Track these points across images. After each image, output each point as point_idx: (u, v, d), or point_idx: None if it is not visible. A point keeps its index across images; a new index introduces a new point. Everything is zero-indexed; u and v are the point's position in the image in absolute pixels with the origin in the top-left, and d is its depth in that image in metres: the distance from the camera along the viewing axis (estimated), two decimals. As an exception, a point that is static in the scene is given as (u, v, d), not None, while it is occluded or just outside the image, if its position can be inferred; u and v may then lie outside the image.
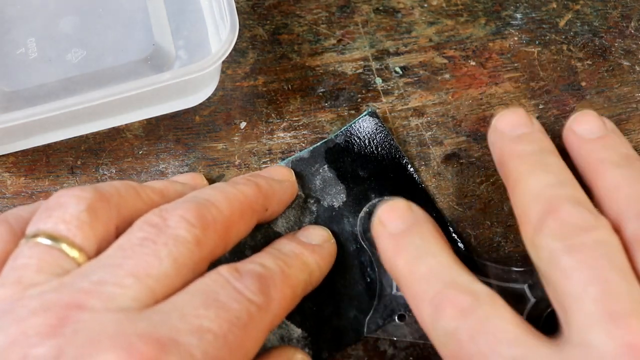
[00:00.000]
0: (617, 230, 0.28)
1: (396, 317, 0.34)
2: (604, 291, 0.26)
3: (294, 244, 0.32)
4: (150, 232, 0.28)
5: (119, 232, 0.30)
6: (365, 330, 0.34)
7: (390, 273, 0.31)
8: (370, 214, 0.34)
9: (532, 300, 0.32)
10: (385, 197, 0.36)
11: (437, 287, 0.29)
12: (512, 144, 0.32)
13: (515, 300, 0.30)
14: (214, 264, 0.33)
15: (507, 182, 0.31)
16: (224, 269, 0.28)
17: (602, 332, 0.26)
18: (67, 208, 0.28)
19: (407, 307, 0.33)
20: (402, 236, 0.31)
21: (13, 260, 0.28)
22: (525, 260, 0.31)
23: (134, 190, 0.31)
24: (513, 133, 0.32)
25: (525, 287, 0.33)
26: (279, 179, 0.35)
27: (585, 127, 0.32)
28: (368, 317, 0.34)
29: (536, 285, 0.32)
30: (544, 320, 0.32)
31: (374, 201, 0.36)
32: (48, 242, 0.28)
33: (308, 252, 0.32)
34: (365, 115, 0.37)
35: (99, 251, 0.28)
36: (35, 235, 0.28)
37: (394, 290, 0.34)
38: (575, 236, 0.28)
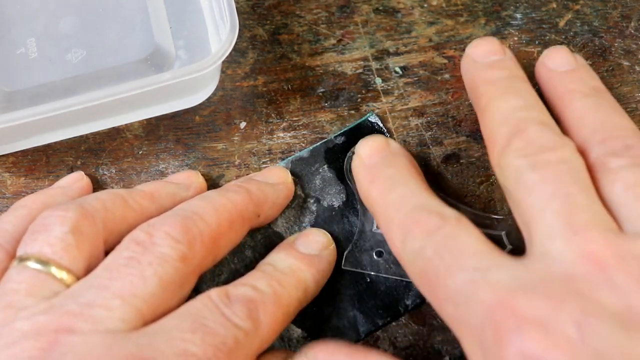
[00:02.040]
0: (581, 155, 0.29)
1: (374, 253, 0.34)
2: (565, 204, 0.27)
3: (290, 259, 0.32)
4: (136, 250, 0.29)
5: (107, 246, 0.30)
6: (342, 263, 0.34)
7: (365, 202, 0.32)
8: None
9: (509, 247, 0.33)
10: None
11: (406, 209, 0.29)
12: (483, 70, 0.32)
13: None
14: (214, 267, 0.33)
15: (477, 107, 0.32)
16: (214, 293, 0.29)
17: (563, 243, 0.26)
18: (51, 230, 0.29)
19: (385, 244, 0.34)
20: (377, 167, 0.32)
21: (3, 285, 0.28)
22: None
23: (121, 200, 0.31)
24: (485, 60, 0.33)
25: (503, 234, 0.33)
26: (273, 181, 0.34)
27: (557, 61, 0.33)
28: (347, 251, 0.34)
29: (513, 232, 0.32)
30: None
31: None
32: (36, 266, 0.28)
33: (305, 267, 0.32)
34: (366, 119, 0.37)
35: (88, 268, 0.29)
36: (23, 259, 0.29)
37: (374, 228, 0.34)
38: (540, 154, 0.28)
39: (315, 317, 0.34)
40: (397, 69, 0.39)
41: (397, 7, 0.40)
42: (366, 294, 0.34)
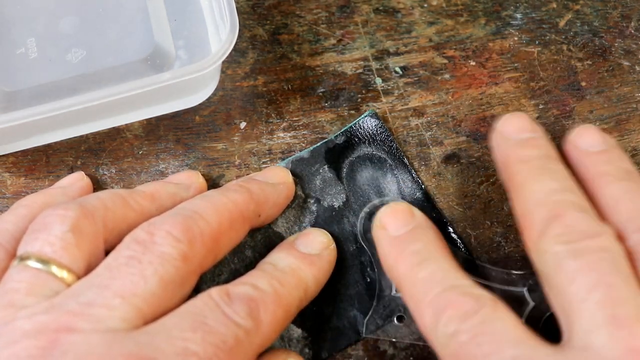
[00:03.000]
0: (619, 241, 0.29)
1: (395, 319, 0.34)
2: (608, 296, 0.26)
3: (291, 259, 0.32)
4: (136, 250, 0.29)
5: (107, 245, 0.30)
6: (364, 330, 0.34)
7: (390, 276, 0.32)
8: (370, 215, 0.34)
9: (532, 303, 0.32)
10: (386, 198, 0.36)
11: (438, 290, 0.29)
12: (516, 148, 0.32)
13: (514, 303, 0.30)
14: (214, 267, 0.33)
15: (509, 186, 0.31)
16: (215, 292, 0.29)
17: (606, 336, 0.26)
18: (51, 229, 0.29)
19: (405, 309, 0.33)
20: (404, 240, 0.31)
21: (3, 284, 0.28)
22: (524, 260, 0.31)
23: (121, 200, 0.31)
24: (518, 137, 0.32)
25: (525, 290, 0.33)
26: (274, 181, 0.34)
27: (588, 140, 0.32)
28: (367, 317, 0.34)
29: (535, 288, 0.32)
30: (542, 324, 0.32)
31: (374, 202, 0.36)
32: (37, 265, 0.28)
33: (305, 266, 0.32)
34: (365, 116, 0.37)
35: (89, 267, 0.29)
36: (24, 258, 0.29)
37: (393, 292, 0.34)
38: (580, 241, 0.28)
39: (315, 317, 0.34)
40: (397, 69, 0.39)
41: (397, 7, 0.40)
42: (366, 294, 0.34)
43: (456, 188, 0.37)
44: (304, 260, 0.32)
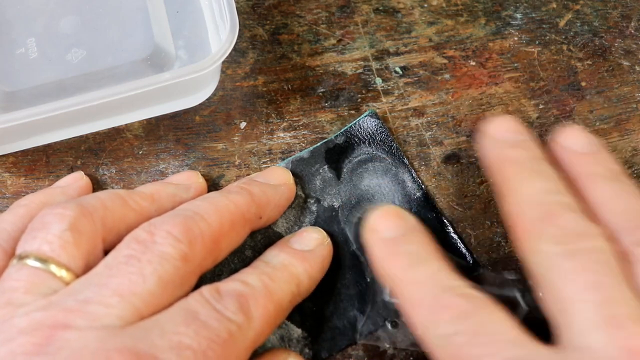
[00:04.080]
0: (610, 242, 0.29)
1: (389, 324, 0.34)
2: (604, 296, 0.27)
3: (283, 255, 0.32)
4: (136, 249, 0.29)
5: (106, 245, 0.30)
6: (358, 337, 0.34)
7: (384, 279, 0.31)
8: (362, 221, 0.34)
9: (525, 308, 0.32)
10: (378, 204, 0.36)
11: (433, 291, 0.29)
12: (507, 150, 0.32)
13: (508, 307, 0.30)
14: (214, 267, 0.33)
15: (500, 188, 0.31)
16: (205, 289, 0.29)
17: (604, 336, 0.26)
18: (50, 228, 0.29)
19: (399, 314, 0.33)
20: (396, 242, 0.31)
21: (2, 283, 0.29)
22: (522, 263, 0.31)
23: (120, 200, 0.31)
24: (507, 139, 0.32)
25: (518, 295, 0.33)
26: (275, 182, 0.35)
27: (575, 141, 0.33)
28: (361, 324, 0.34)
29: (528, 292, 0.32)
30: (536, 329, 0.32)
31: (365, 208, 0.35)
32: (36, 263, 0.29)
33: (298, 262, 0.32)
34: (365, 116, 0.37)
35: (87, 266, 0.29)
36: (22, 257, 0.29)
37: (387, 297, 0.34)
38: (574, 241, 0.28)
39: (315, 317, 0.34)
40: (397, 69, 0.39)
41: (397, 7, 0.40)
42: (366, 293, 0.34)
43: (456, 188, 0.37)
44: (295, 256, 0.33)
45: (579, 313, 0.27)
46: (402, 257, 0.30)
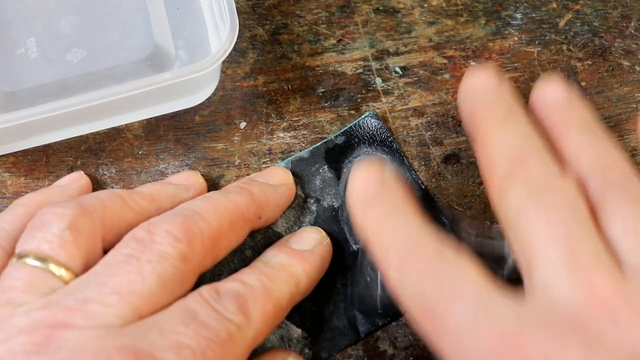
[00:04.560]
0: (580, 189, 0.29)
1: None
2: (568, 240, 0.26)
3: (282, 255, 0.32)
4: (135, 248, 0.29)
5: (106, 244, 0.30)
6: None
7: (361, 234, 0.31)
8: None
9: (512, 257, 0.32)
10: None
11: (404, 242, 0.28)
12: (482, 99, 0.31)
13: (494, 256, 0.30)
14: (214, 267, 0.33)
15: (474, 135, 0.31)
16: (204, 290, 0.29)
17: (567, 280, 0.26)
18: (49, 227, 0.29)
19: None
20: (373, 195, 0.30)
21: (1, 282, 0.29)
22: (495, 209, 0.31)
23: (120, 199, 0.31)
24: (482, 87, 0.32)
25: (505, 243, 0.32)
26: (275, 182, 0.35)
27: (551, 92, 0.32)
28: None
29: None
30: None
31: None
32: (35, 262, 0.29)
33: (297, 262, 0.32)
34: (365, 117, 0.37)
35: (86, 266, 0.29)
36: (22, 256, 0.29)
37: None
38: (542, 187, 0.28)
39: (315, 317, 0.34)
40: (397, 69, 0.39)
41: (397, 7, 0.40)
42: (366, 294, 0.34)
43: (456, 188, 0.37)
44: (294, 256, 0.33)
45: (543, 254, 0.27)
46: (377, 207, 0.30)
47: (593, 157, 0.30)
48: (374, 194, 0.31)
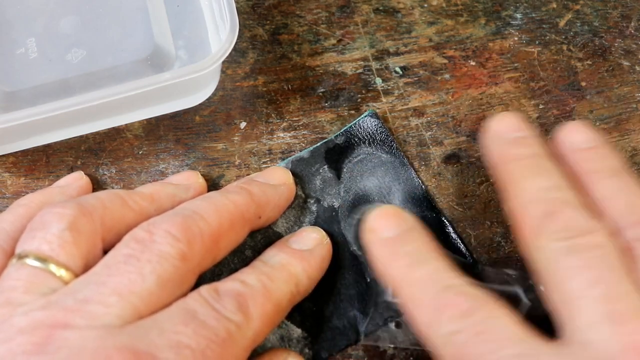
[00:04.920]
0: (613, 237, 0.29)
1: (392, 325, 0.34)
2: (607, 292, 0.27)
3: (282, 255, 0.33)
4: (135, 248, 0.29)
5: (106, 244, 0.30)
6: (362, 338, 0.34)
7: (385, 279, 0.31)
8: (362, 221, 0.34)
9: (528, 303, 0.32)
10: (376, 204, 0.36)
11: (435, 289, 0.29)
12: (509, 147, 0.32)
13: (510, 303, 0.30)
14: (214, 267, 0.33)
15: (503, 184, 0.31)
16: (204, 289, 0.29)
17: (606, 331, 0.26)
18: (49, 227, 0.29)
19: (401, 314, 0.33)
20: (396, 243, 0.31)
21: (1, 283, 0.29)
22: (524, 261, 0.31)
23: (120, 200, 0.31)
24: (509, 136, 0.32)
25: (520, 291, 0.33)
26: (275, 182, 0.35)
27: (578, 137, 0.33)
28: (364, 324, 0.34)
29: (531, 288, 0.32)
30: (539, 325, 0.32)
31: (364, 209, 0.35)
32: (35, 263, 0.29)
33: (296, 261, 0.32)
34: (365, 116, 0.37)
35: (86, 266, 0.29)
36: (22, 257, 0.29)
37: (389, 298, 0.34)
38: (577, 238, 0.28)
39: (315, 317, 0.34)
40: (397, 69, 0.39)
41: (397, 7, 0.40)
42: (366, 294, 0.34)
43: (456, 188, 0.37)
44: (294, 256, 0.33)
45: (581, 309, 0.27)
46: (402, 256, 0.30)
47: (624, 204, 0.30)
48: (397, 241, 0.31)
